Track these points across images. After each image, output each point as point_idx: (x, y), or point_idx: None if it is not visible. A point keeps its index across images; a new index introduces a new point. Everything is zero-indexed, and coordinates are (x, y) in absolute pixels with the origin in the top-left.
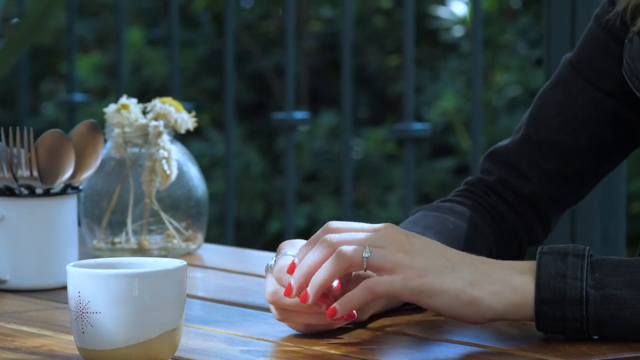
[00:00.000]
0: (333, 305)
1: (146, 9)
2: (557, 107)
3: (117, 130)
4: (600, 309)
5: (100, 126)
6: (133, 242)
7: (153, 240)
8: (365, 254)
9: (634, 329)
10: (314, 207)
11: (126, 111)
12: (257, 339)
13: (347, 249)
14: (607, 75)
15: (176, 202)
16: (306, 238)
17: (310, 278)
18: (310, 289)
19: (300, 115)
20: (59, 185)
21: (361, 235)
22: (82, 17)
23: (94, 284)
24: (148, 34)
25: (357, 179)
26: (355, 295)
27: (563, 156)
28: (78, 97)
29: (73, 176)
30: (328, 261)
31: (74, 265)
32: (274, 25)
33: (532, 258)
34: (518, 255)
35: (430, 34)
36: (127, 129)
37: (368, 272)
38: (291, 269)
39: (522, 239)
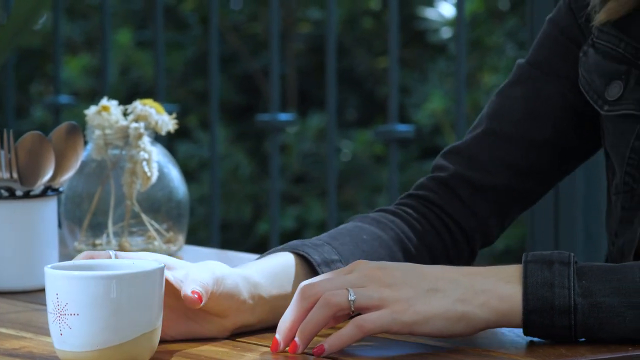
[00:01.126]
0: (321, 343)
1: (135, 10)
2: (520, 101)
3: (97, 132)
4: (588, 317)
5: (80, 128)
6: (114, 244)
7: (134, 242)
8: (351, 297)
9: (622, 336)
10: (303, 209)
11: (107, 113)
12: (235, 340)
13: (332, 295)
14: (566, 77)
15: (157, 204)
16: (295, 239)
17: (295, 329)
18: (300, 339)
19: (285, 117)
20: (39, 187)
21: (338, 280)
22: (71, 19)
23: (72, 286)
24: (137, 35)
25: (345, 181)
26: (346, 333)
27: (526, 150)
28: (64, 99)
29: (53, 178)
30: (315, 309)
31: (52, 267)
32: (262, 27)
33: (512, 262)
34: (469, 258)
35: (418, 36)
36: (107, 131)
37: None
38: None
39: (474, 240)
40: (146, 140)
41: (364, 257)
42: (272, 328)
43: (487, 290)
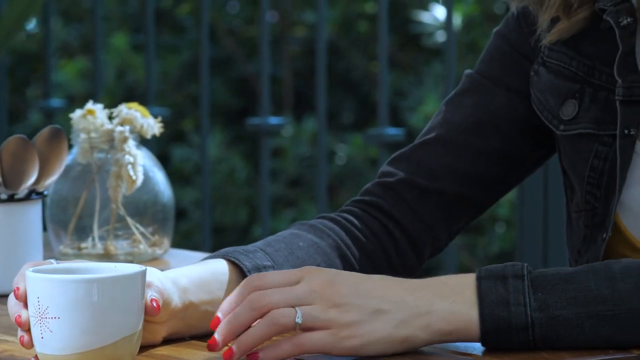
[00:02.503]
0: (256, 351)
1: (131, 14)
2: (470, 110)
3: (83, 136)
4: (546, 331)
5: (64, 132)
6: (99, 248)
7: (119, 246)
8: (298, 320)
9: (582, 346)
10: (299, 212)
11: (92, 117)
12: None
13: (280, 315)
14: (517, 90)
15: (142, 208)
16: None
17: (236, 334)
18: (238, 348)
19: (275, 120)
20: (23, 190)
21: (288, 294)
22: (67, 23)
23: (53, 289)
24: (132, 39)
25: (341, 184)
26: (283, 349)
27: (474, 159)
28: (55, 102)
29: (37, 181)
30: (260, 325)
31: (33, 270)
32: (258, 31)
33: (464, 270)
34: (416, 265)
35: (414, 39)
36: (93, 135)
37: None
38: (215, 324)
39: (421, 246)
40: (131, 144)
41: (298, 263)
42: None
43: (433, 311)
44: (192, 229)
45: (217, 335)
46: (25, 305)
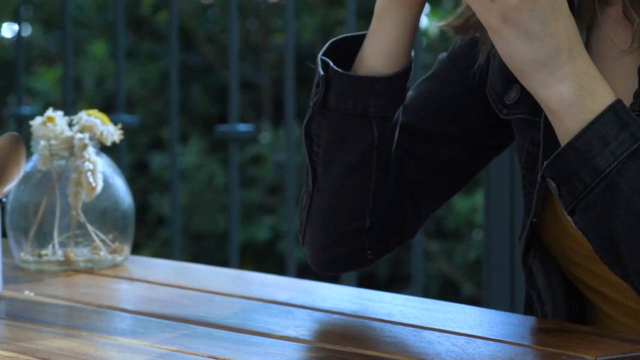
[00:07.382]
0: None
1: (110, 22)
2: (429, 95)
3: (43, 143)
4: (605, 192)
5: (21, 139)
6: (60, 254)
7: (80, 252)
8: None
9: (611, 229)
10: (277, 219)
11: (52, 124)
12: (172, 350)
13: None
14: (481, 72)
15: (102, 214)
16: (270, 251)
17: None
18: None
19: (243, 127)
20: None
21: None
22: (48, 30)
23: None
24: (112, 47)
25: None
26: None
27: (434, 144)
28: (26, 110)
29: None
30: None
31: None
32: (233, 38)
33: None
34: (399, 242)
35: None
36: (53, 142)
37: None
38: None
39: (395, 227)
40: (91, 151)
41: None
42: None
43: (562, 86)
44: (171, 236)
45: None
46: None
